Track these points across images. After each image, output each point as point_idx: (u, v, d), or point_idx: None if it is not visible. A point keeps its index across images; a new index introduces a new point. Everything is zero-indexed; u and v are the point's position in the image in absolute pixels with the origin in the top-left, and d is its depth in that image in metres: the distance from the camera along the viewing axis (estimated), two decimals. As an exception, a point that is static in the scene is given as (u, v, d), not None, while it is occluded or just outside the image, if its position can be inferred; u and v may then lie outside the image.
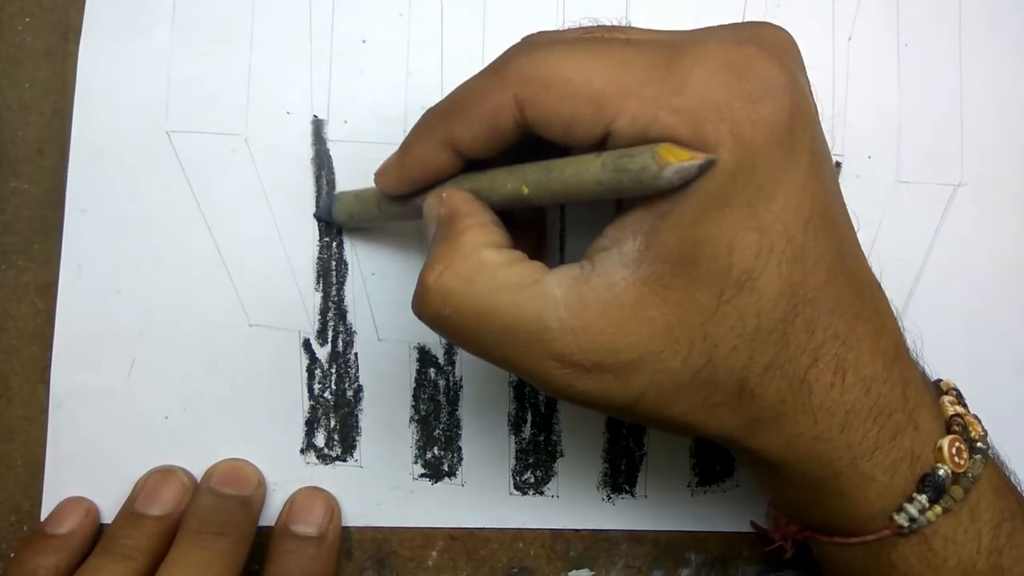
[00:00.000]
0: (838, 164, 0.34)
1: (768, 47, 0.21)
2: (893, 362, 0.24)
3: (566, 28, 0.26)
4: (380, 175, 0.27)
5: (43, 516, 0.31)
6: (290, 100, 0.32)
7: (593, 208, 0.32)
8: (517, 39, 0.33)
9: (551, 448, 0.33)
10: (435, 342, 0.32)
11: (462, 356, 0.32)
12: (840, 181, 0.34)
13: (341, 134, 0.32)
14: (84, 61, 0.32)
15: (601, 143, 0.21)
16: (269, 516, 0.31)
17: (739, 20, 0.34)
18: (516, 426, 0.33)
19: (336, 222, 0.31)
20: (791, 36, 0.24)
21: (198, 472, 0.31)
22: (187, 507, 0.30)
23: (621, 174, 0.21)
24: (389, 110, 0.32)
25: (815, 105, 0.23)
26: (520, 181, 0.23)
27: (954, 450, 0.24)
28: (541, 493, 0.33)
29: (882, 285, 0.25)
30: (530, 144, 0.23)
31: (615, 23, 0.26)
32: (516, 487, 0.33)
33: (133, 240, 0.31)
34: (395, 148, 0.32)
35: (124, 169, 0.31)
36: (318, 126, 0.32)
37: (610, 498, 0.33)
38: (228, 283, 0.32)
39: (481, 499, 0.32)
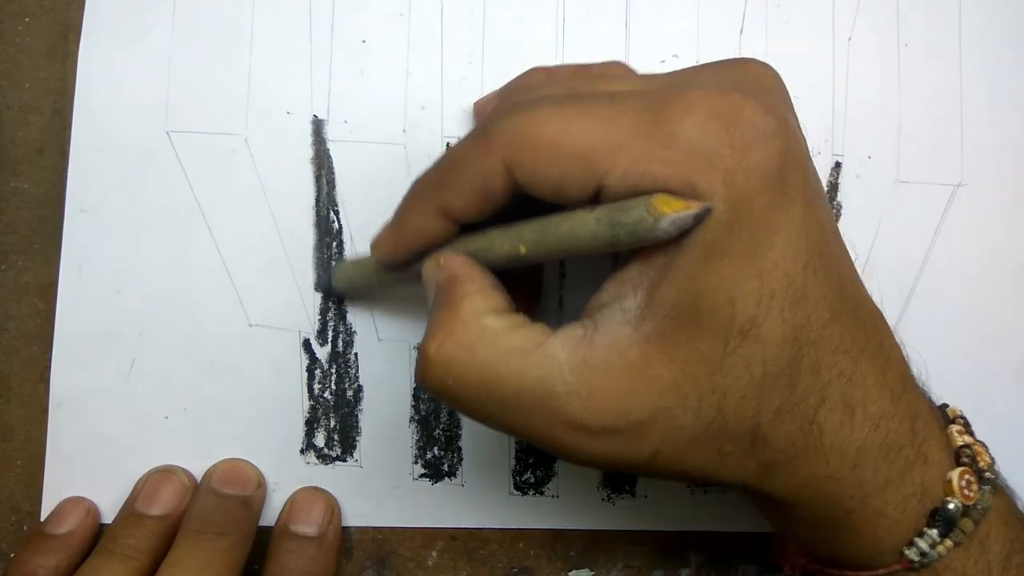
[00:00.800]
0: (838, 164, 0.34)
1: (753, 90, 0.21)
2: (900, 396, 0.23)
3: (555, 67, 0.26)
4: (376, 246, 0.27)
5: (43, 516, 0.31)
6: (290, 100, 0.32)
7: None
8: (517, 39, 0.34)
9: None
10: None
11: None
12: (840, 181, 0.34)
13: (341, 134, 0.32)
14: (84, 61, 0.32)
15: (594, 199, 0.21)
16: (269, 516, 0.31)
17: (739, 20, 0.34)
18: (516, 426, 0.33)
19: (336, 292, 0.32)
20: (775, 73, 0.24)
21: (198, 472, 0.31)
22: (187, 507, 0.30)
23: (616, 228, 0.21)
24: (389, 110, 0.32)
25: (805, 143, 0.23)
26: (517, 241, 0.23)
27: (963, 482, 0.24)
28: (541, 493, 0.33)
29: (882, 284, 0.25)
30: (523, 201, 0.23)
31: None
32: (516, 487, 0.33)
33: (133, 240, 0.31)
34: (395, 148, 0.32)
35: (124, 169, 0.31)
36: (318, 126, 0.32)
37: (610, 498, 0.33)
38: (228, 283, 0.32)
39: (481, 499, 0.32)
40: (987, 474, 0.24)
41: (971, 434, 0.26)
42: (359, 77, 0.32)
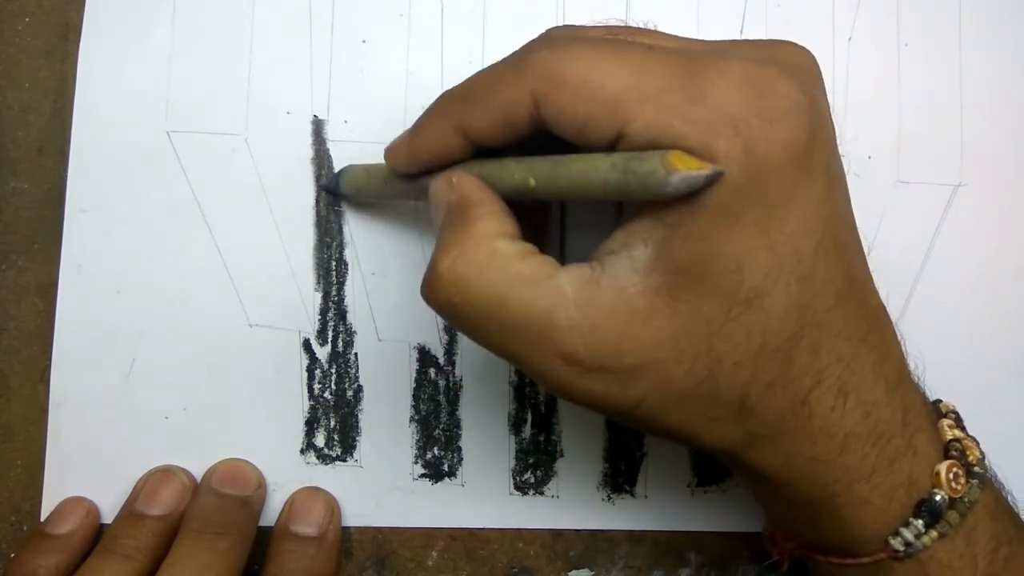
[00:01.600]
0: (838, 164, 0.34)
1: (790, 67, 0.21)
2: (895, 387, 0.24)
3: (592, 25, 0.26)
4: (390, 152, 0.27)
5: (43, 516, 0.31)
6: (290, 100, 0.32)
7: (595, 210, 0.32)
8: (517, 39, 0.33)
9: (551, 448, 0.33)
10: (435, 342, 0.32)
11: (462, 356, 0.32)
12: (840, 181, 0.34)
13: (341, 134, 0.32)
14: (84, 61, 0.32)
15: (613, 145, 0.21)
16: (269, 516, 0.31)
17: (739, 20, 0.34)
18: (516, 426, 0.33)
19: (341, 194, 0.31)
20: (812, 56, 0.24)
21: (198, 472, 0.31)
22: (187, 507, 0.30)
23: (629, 176, 0.21)
24: (389, 110, 0.32)
25: (834, 127, 0.23)
26: (528, 172, 0.23)
27: (951, 475, 0.24)
28: (541, 493, 0.33)
29: (882, 284, 0.25)
30: (542, 138, 0.23)
31: (622, 22, 0.26)
32: (516, 487, 0.33)
33: (133, 240, 0.31)
34: (395, 148, 0.32)
35: (124, 169, 0.31)
36: (318, 126, 0.32)
37: (610, 498, 0.33)
38: (228, 283, 0.32)
39: (481, 499, 0.32)
40: (976, 468, 0.24)
41: (962, 429, 0.26)
42: (359, 77, 0.32)
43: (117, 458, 0.31)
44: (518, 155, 0.24)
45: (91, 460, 0.31)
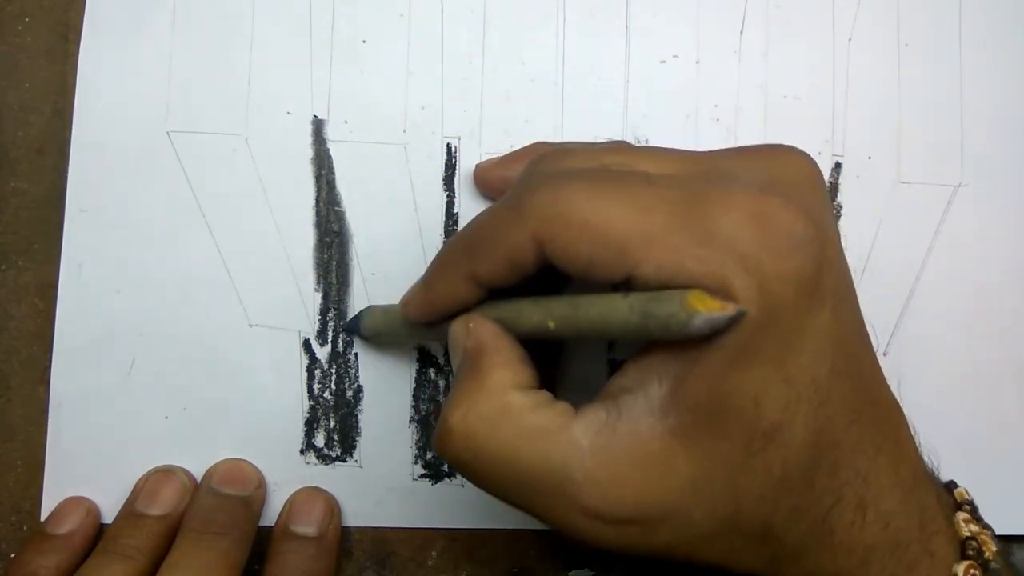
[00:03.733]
0: (838, 164, 0.34)
1: (793, 191, 0.21)
2: (911, 491, 0.23)
3: (578, 147, 0.25)
4: (406, 305, 0.27)
5: (43, 516, 0.30)
6: (290, 100, 0.32)
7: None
8: (517, 39, 0.34)
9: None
10: (435, 342, 0.32)
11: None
12: (840, 181, 0.34)
13: (341, 134, 0.32)
14: (84, 61, 0.32)
15: (623, 283, 0.21)
16: (269, 516, 0.31)
17: (739, 20, 0.34)
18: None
19: (363, 337, 0.32)
20: (813, 165, 0.23)
21: (198, 472, 0.31)
22: (188, 507, 0.30)
23: (648, 320, 0.20)
24: (389, 110, 0.32)
25: (839, 241, 0.23)
26: (547, 315, 0.23)
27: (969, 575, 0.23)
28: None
29: (882, 284, 0.25)
30: (552, 270, 0.23)
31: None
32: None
33: (133, 240, 0.31)
34: (395, 148, 0.32)
35: (124, 169, 0.31)
36: (318, 126, 0.32)
37: (610, 498, 0.33)
38: (228, 283, 0.32)
39: (481, 499, 0.32)
40: (993, 564, 0.24)
41: (978, 520, 0.25)
42: (359, 77, 0.32)
43: (117, 458, 0.31)
44: (531, 289, 0.24)
45: (91, 460, 0.31)
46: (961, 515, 0.25)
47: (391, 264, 0.32)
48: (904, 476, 0.23)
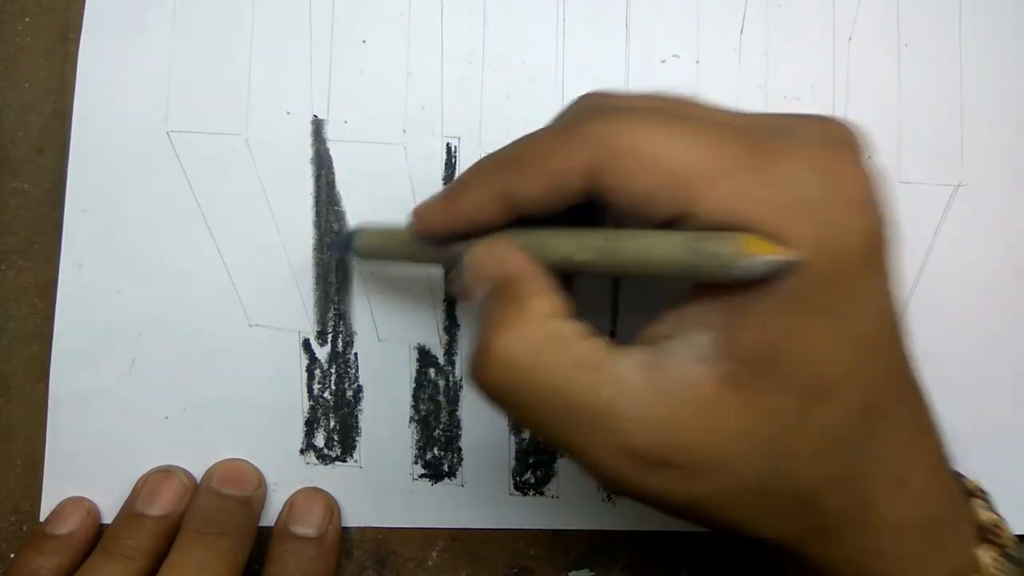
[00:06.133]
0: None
1: (854, 151, 0.21)
2: (941, 472, 0.23)
3: (632, 94, 0.24)
4: (419, 216, 0.25)
5: (43, 516, 0.31)
6: (290, 100, 0.32)
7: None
8: (517, 39, 0.34)
9: (551, 448, 0.33)
10: (435, 342, 0.32)
11: (462, 356, 0.32)
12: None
13: (341, 134, 0.32)
14: (84, 61, 0.32)
15: (670, 223, 0.20)
16: (269, 516, 0.31)
17: (739, 20, 0.34)
18: (516, 426, 0.33)
19: (354, 257, 0.31)
20: (863, 139, 0.23)
21: (198, 472, 0.31)
22: (188, 507, 0.30)
23: (704, 257, 0.19)
24: (389, 110, 0.32)
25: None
26: (583, 247, 0.22)
27: (989, 559, 0.23)
28: (541, 493, 0.33)
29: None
30: (583, 209, 0.22)
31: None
32: (516, 487, 0.33)
33: (133, 240, 0.31)
34: (395, 148, 0.32)
35: (124, 169, 0.31)
36: (318, 126, 0.32)
37: (610, 498, 0.33)
38: (228, 283, 0.32)
39: (481, 499, 0.32)
40: (1011, 551, 0.24)
41: (992, 509, 0.25)
42: (359, 77, 0.32)
43: (117, 458, 0.31)
44: (556, 226, 0.22)
45: (91, 460, 0.31)
46: (978, 502, 0.25)
47: (391, 264, 0.32)
48: (936, 458, 0.23)
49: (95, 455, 0.31)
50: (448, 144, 0.32)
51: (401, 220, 0.32)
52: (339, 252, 0.31)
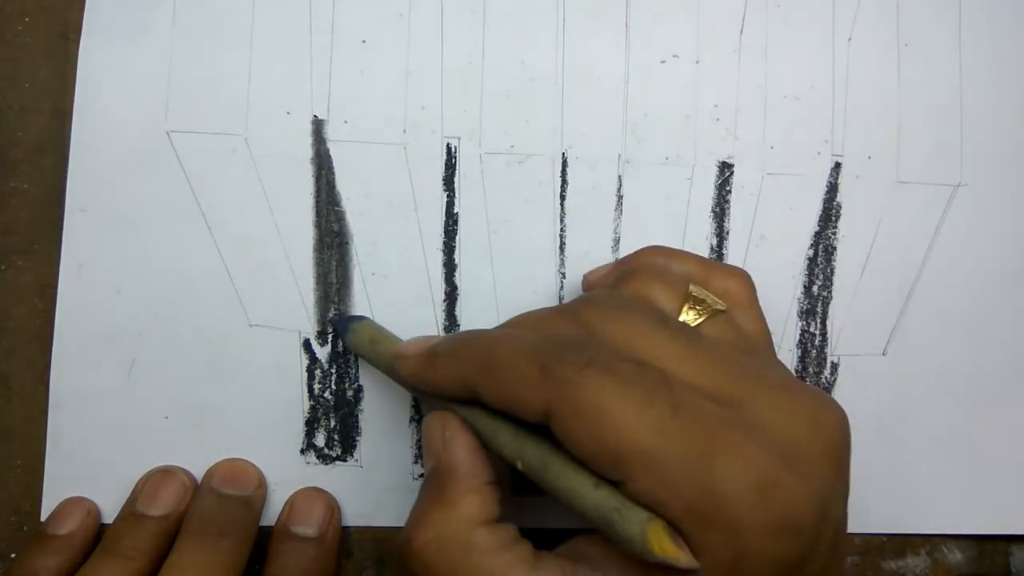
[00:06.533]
0: (838, 164, 0.34)
1: (814, 465, 0.21)
2: None
3: (682, 258, 0.26)
4: (402, 360, 0.27)
5: (43, 516, 0.30)
6: (290, 100, 0.32)
7: (595, 218, 0.32)
8: (517, 39, 0.34)
9: None
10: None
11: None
12: (840, 181, 0.34)
13: (341, 134, 0.32)
14: (84, 61, 0.32)
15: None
16: (269, 516, 0.31)
17: (739, 20, 0.34)
18: (516, 426, 0.33)
19: (344, 342, 0.31)
20: (845, 427, 0.23)
21: (198, 472, 0.31)
22: (188, 507, 0.30)
23: (608, 526, 0.21)
24: (389, 110, 0.32)
25: (842, 518, 0.22)
26: (519, 454, 0.23)
27: None
28: (541, 493, 0.33)
29: (882, 284, 0.25)
30: None
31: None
32: (515, 488, 0.32)
33: (133, 240, 0.31)
34: (395, 148, 0.32)
35: (124, 169, 0.31)
36: (318, 126, 0.32)
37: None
38: (228, 283, 0.32)
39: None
40: None
41: None
42: (359, 77, 0.32)
43: (117, 458, 0.31)
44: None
45: (91, 460, 0.31)
46: None
47: (391, 264, 0.32)
48: None
49: (95, 455, 0.31)
50: (448, 144, 0.32)
51: (401, 224, 0.32)
52: (337, 329, 0.32)
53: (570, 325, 0.24)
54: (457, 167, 0.32)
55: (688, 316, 0.26)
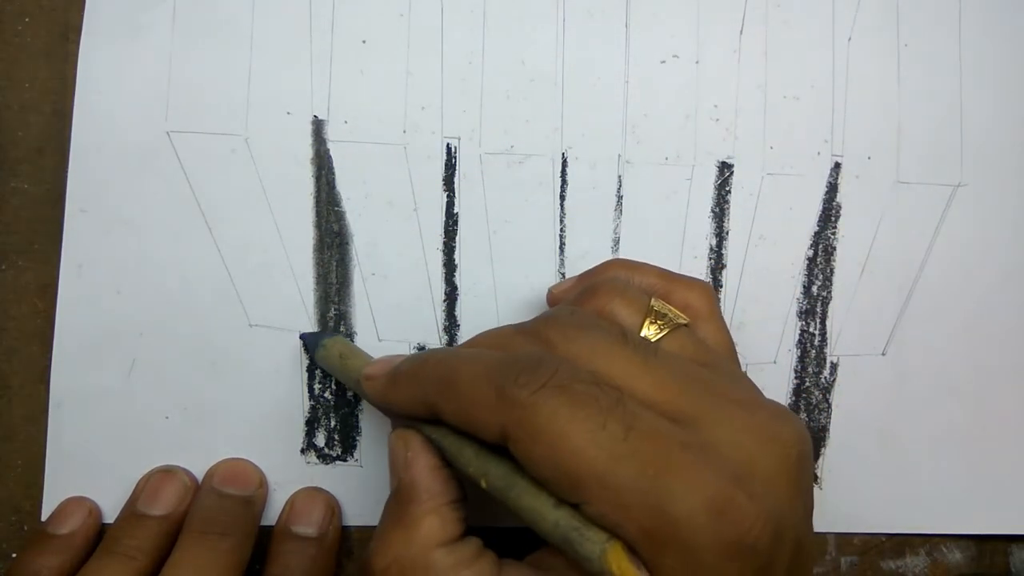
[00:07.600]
0: (838, 164, 0.34)
1: (768, 485, 0.21)
2: None
3: (625, 275, 0.26)
4: (368, 380, 0.27)
5: (44, 516, 0.31)
6: (290, 100, 0.32)
7: (594, 212, 0.32)
8: (517, 39, 0.34)
9: None
10: (435, 342, 0.32)
11: (462, 356, 0.32)
12: (840, 181, 0.34)
13: (341, 134, 0.32)
14: (84, 61, 0.32)
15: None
16: (270, 516, 0.31)
17: (739, 20, 0.34)
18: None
19: (314, 358, 0.31)
20: (805, 443, 0.23)
21: (199, 472, 0.31)
22: (189, 507, 0.30)
23: (567, 546, 0.21)
24: (389, 110, 0.32)
25: (803, 534, 0.22)
26: (483, 473, 0.23)
27: None
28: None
29: (882, 284, 0.25)
30: None
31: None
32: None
33: (133, 240, 0.31)
34: (395, 148, 0.32)
35: (124, 169, 0.31)
36: (318, 126, 0.32)
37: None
38: (228, 283, 0.32)
39: (480, 498, 0.32)
40: None
41: None
42: (359, 77, 0.32)
43: (117, 458, 0.31)
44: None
45: (91, 460, 0.31)
46: None
47: (391, 264, 0.32)
48: None
49: (96, 455, 0.31)
50: (448, 144, 0.33)
51: (401, 225, 0.32)
52: (307, 343, 0.31)
53: (531, 343, 0.24)
54: (457, 167, 0.32)
55: (650, 331, 0.26)
